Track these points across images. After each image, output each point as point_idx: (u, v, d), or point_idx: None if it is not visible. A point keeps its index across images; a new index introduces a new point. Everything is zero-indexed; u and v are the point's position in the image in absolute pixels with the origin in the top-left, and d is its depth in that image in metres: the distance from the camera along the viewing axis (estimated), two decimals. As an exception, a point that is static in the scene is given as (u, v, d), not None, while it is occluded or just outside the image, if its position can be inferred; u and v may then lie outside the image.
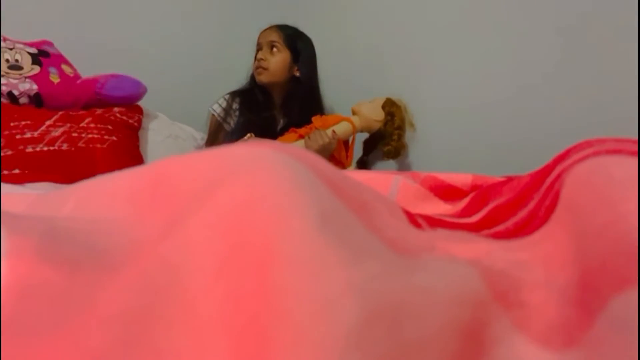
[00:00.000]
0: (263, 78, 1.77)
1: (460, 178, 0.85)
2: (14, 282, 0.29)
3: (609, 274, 0.35)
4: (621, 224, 0.37)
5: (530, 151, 1.33)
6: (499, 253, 0.48)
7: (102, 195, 0.48)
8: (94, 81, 1.66)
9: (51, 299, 0.29)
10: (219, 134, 1.83)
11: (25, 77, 1.54)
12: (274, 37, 1.79)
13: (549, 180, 0.55)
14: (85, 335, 0.28)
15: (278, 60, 1.77)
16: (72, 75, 1.67)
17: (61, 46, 1.73)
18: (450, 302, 0.33)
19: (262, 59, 1.76)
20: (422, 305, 0.31)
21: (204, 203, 0.36)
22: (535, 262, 0.45)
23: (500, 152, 1.46)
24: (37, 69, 1.58)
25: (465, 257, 0.44)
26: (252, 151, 0.43)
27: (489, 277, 0.39)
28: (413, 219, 0.60)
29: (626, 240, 0.35)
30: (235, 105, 1.83)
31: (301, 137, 1.63)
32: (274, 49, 1.77)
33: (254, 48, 1.84)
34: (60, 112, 1.55)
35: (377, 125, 1.75)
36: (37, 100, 1.56)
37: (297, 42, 1.81)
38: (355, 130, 1.71)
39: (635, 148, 0.47)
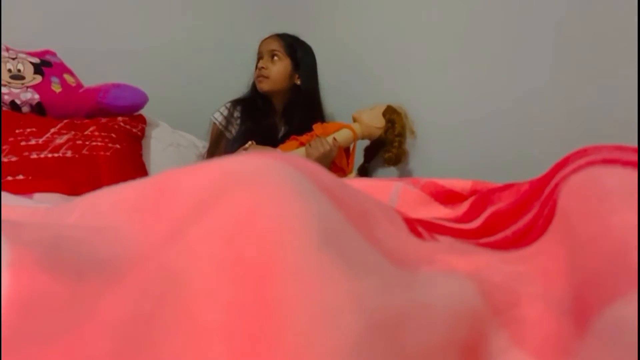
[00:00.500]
0: (264, 86, 1.78)
1: (460, 184, 0.87)
2: (16, 294, 0.29)
3: (598, 286, 0.36)
4: (609, 237, 0.38)
5: (531, 158, 1.34)
6: (498, 265, 0.48)
7: (107, 205, 0.48)
8: (95, 90, 1.67)
9: (53, 310, 0.29)
10: (220, 142, 1.84)
11: (27, 87, 1.56)
12: (275, 45, 1.80)
13: (547, 189, 0.56)
14: (87, 345, 0.28)
15: (279, 69, 1.78)
16: (74, 84, 1.68)
17: (64, 55, 1.74)
18: (448, 318, 0.34)
19: (263, 68, 1.78)
20: (421, 320, 0.32)
21: (206, 213, 0.36)
22: (533, 275, 0.45)
23: (501, 159, 1.46)
24: (39, 79, 1.59)
25: (465, 271, 0.44)
26: (254, 162, 0.43)
27: (487, 292, 0.40)
28: (413, 227, 0.60)
29: (614, 252, 0.36)
30: (236, 114, 1.84)
31: (302, 144, 1.64)
32: (275, 58, 1.79)
33: (255, 57, 1.85)
34: (65, 120, 1.56)
35: (377, 133, 1.75)
36: (39, 109, 1.57)
37: (297, 51, 1.82)
38: (356, 138, 1.72)
39: (632, 157, 0.47)
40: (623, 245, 0.36)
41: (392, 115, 1.74)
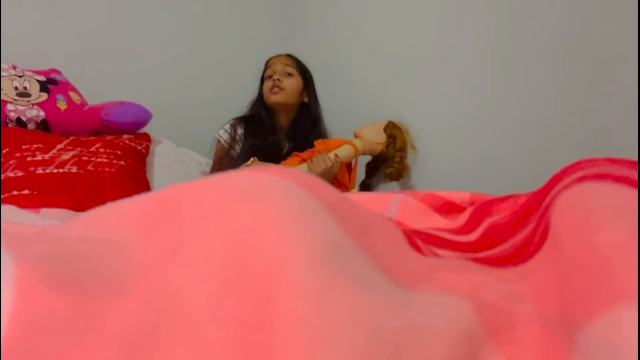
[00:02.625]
0: (279, 97, 1.80)
1: (459, 195, 0.87)
2: (19, 310, 0.29)
3: (581, 304, 0.36)
4: (591, 256, 0.38)
5: (531, 171, 1.34)
6: (495, 284, 0.48)
7: (111, 219, 0.49)
8: (100, 108, 1.68)
9: (57, 326, 0.29)
10: (224, 159, 1.85)
11: (33, 104, 1.58)
12: (289, 62, 1.84)
13: (544, 204, 0.56)
14: (90, 359, 0.28)
15: (293, 83, 1.82)
16: (79, 102, 1.70)
17: (69, 74, 1.76)
18: (446, 339, 0.34)
19: (279, 79, 1.80)
20: (419, 341, 0.32)
21: (210, 228, 0.37)
22: (529, 293, 0.45)
23: (502, 173, 1.46)
24: (44, 96, 1.61)
25: (462, 290, 0.45)
26: (258, 178, 0.43)
27: (483, 312, 0.40)
28: (412, 240, 0.61)
29: (595, 271, 0.36)
30: (240, 131, 1.86)
31: (304, 160, 1.65)
32: (288, 74, 1.82)
33: (258, 75, 1.88)
34: (71, 137, 1.58)
35: (379, 148, 1.76)
36: (44, 126, 1.59)
37: (306, 71, 1.88)
38: (357, 153, 1.73)
39: (625, 172, 0.48)
40: (604, 264, 0.36)
41: (393, 131, 1.76)
